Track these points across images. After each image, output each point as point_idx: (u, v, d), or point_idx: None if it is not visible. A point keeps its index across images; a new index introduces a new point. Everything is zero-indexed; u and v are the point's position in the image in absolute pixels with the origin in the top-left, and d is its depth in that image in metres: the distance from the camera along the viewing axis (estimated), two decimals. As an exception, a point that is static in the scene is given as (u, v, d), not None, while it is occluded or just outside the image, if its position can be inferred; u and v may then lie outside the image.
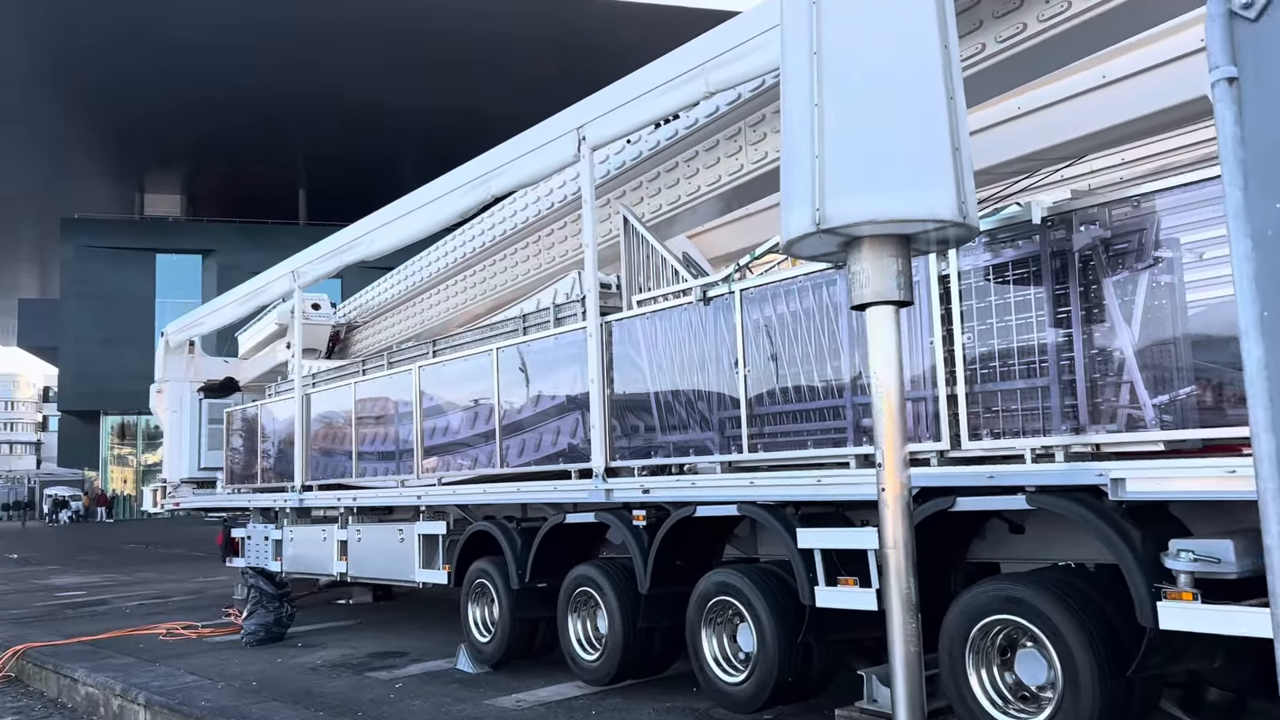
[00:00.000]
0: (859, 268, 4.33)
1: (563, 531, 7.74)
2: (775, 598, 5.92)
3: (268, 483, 12.60)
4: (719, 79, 6.39)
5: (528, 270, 10.38)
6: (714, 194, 7.86)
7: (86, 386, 52.71)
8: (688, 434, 6.75)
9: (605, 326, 7.35)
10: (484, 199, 8.81)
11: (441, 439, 9.35)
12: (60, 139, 47.03)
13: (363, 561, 10.35)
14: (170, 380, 15.86)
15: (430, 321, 12.71)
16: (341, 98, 41.10)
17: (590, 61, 32.67)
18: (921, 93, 4.20)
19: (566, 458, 7.80)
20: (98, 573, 20.70)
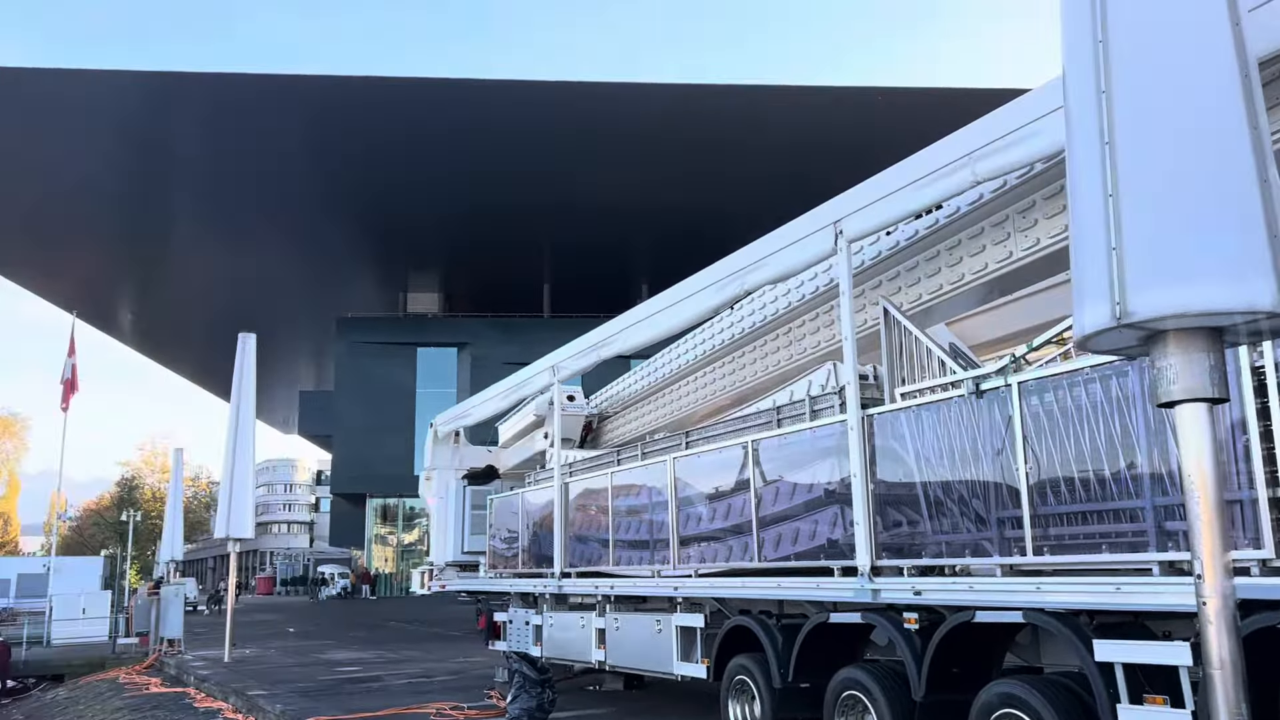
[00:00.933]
0: (1165, 363, 4.06)
1: (825, 630, 7.57)
2: (1069, 714, 5.50)
3: (527, 568, 13.11)
4: (987, 168, 6.27)
5: (778, 362, 10.43)
6: (978, 282, 7.65)
7: (354, 471, 57.17)
8: (960, 533, 6.48)
9: (867, 419, 7.24)
10: (738, 295, 8.98)
11: (695, 529, 9.44)
12: (335, 248, 52.37)
13: (621, 650, 10.52)
14: (438, 468, 16.96)
15: (679, 412, 12.96)
16: (585, 199, 43.41)
17: (825, 162, 32.93)
18: (1230, 176, 3.94)
19: (826, 553, 7.66)
20: (368, 649, 22.12)
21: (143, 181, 43.95)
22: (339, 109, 37.95)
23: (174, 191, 45.42)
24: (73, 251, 51.93)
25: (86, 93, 36.87)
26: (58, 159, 40.72)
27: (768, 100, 38.10)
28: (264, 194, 44.66)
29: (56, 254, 52.19)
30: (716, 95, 38.47)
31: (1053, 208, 6.88)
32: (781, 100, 37.96)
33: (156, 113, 38.14)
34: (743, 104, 37.98)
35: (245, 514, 20.87)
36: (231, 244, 50.14)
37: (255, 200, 45.13)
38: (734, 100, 38.21)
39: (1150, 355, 4.16)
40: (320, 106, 38.06)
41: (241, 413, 21.64)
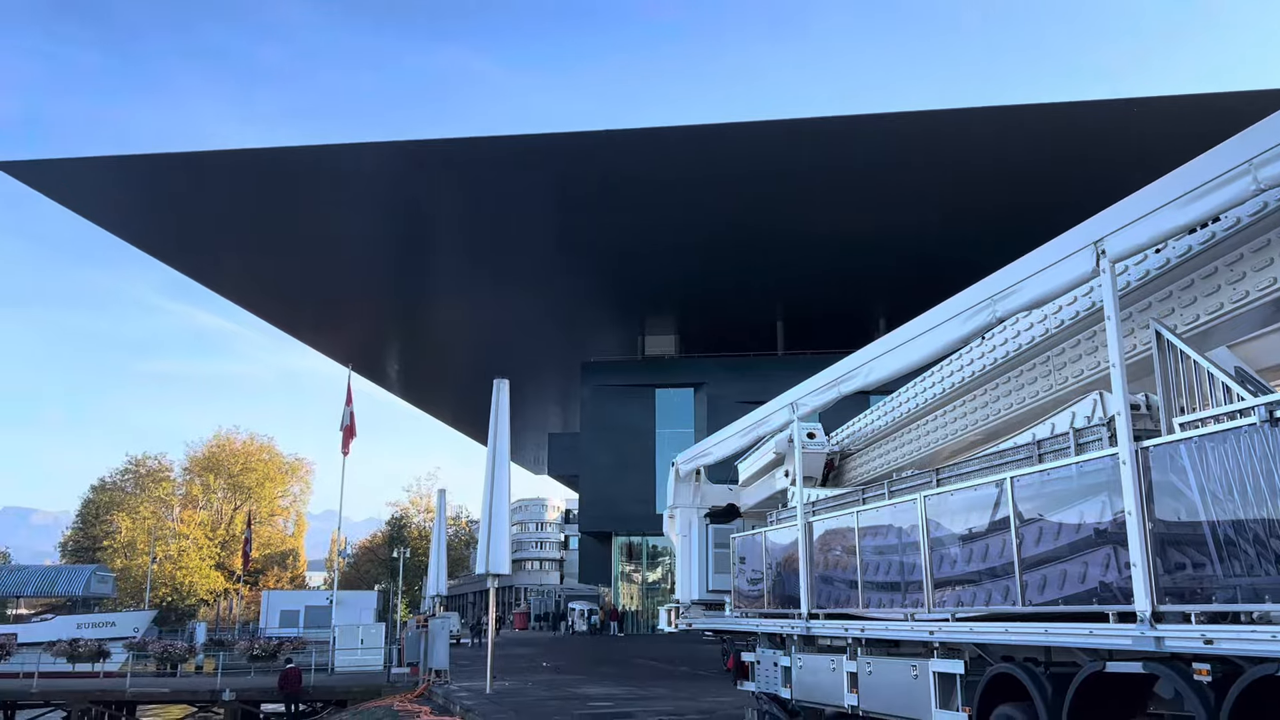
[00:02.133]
0: None
1: (1101, 681, 7.00)
2: None
3: (772, 608, 12.99)
4: (1272, 175, 5.69)
5: (1036, 393, 9.85)
6: (1265, 299, 6.92)
7: (600, 509, 58.95)
8: (1258, 576, 5.83)
9: (1142, 452, 6.69)
10: (989, 323, 8.59)
11: (950, 571, 9.03)
12: (578, 295, 54.67)
13: (874, 695, 10.18)
14: (680, 506, 17.22)
15: (926, 449, 12.50)
16: (818, 234, 43.12)
17: (1074, 185, 31.18)
18: None
19: (1099, 597, 7.11)
20: (619, 685, 22.61)
21: (406, 243, 47.88)
22: (579, 163, 39.84)
23: (433, 250, 49.14)
24: (347, 310, 57.16)
25: (355, 164, 40.71)
26: (329, 227, 45.11)
27: (1007, 121, 36.51)
28: (513, 248, 47.42)
29: (333, 313, 57.64)
30: (950, 120, 37.29)
31: (1354, 213, 6.15)
32: (1024, 120, 36.26)
33: (416, 178, 41.49)
34: (980, 127, 36.60)
35: (502, 551, 21.98)
36: (484, 296, 53.52)
37: (506, 254, 47.98)
38: (971, 124, 36.90)
39: None
40: (562, 162, 40.10)
41: (498, 454, 22.89)
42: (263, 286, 54.12)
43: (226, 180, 41.34)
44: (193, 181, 41.50)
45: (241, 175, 41.16)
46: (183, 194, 42.45)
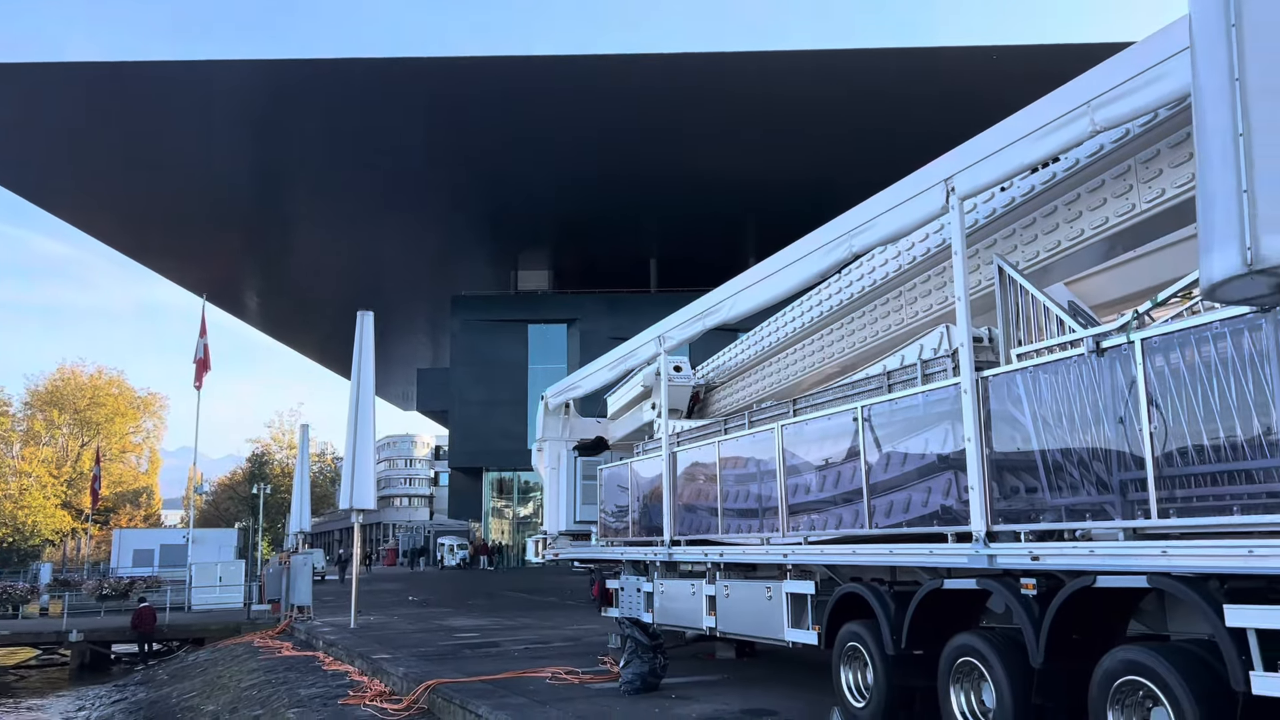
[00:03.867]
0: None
1: (939, 597, 7.43)
2: (1199, 682, 5.28)
3: (637, 536, 13.26)
4: (1108, 116, 5.99)
5: (889, 326, 10.22)
6: (1099, 238, 7.33)
7: (471, 445, 58.69)
8: (1080, 496, 6.26)
9: (981, 382, 7.05)
10: (846, 258, 8.83)
11: (804, 497, 9.37)
12: (449, 227, 53.61)
13: (731, 617, 10.56)
14: (549, 439, 17.28)
15: (786, 381, 12.85)
16: (689, 172, 43.28)
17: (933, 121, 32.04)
18: (1376, 108, 3.69)
19: (940, 519, 7.51)
20: (486, 616, 22.76)
21: (265, 167, 45.80)
22: (452, 91, 38.73)
23: (295, 176, 47.19)
24: (201, 237, 54.52)
25: (211, 83, 38.53)
26: (185, 149, 42.73)
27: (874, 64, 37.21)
28: (381, 176, 45.97)
29: (186, 240, 54.89)
30: (821, 60, 37.76)
31: (1179, 156, 6.53)
32: (889, 63, 37.02)
33: (278, 100, 39.60)
34: (849, 68, 37.19)
35: (367, 486, 21.67)
36: (351, 226, 51.86)
37: (373, 182, 46.50)
38: (840, 65, 37.46)
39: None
40: (434, 89, 38.93)
41: (361, 388, 22.43)
42: (110, 211, 51.00)
43: (70, 95, 38.55)
44: (32, 95, 38.52)
45: (87, 90, 38.43)
46: (20, 109, 39.39)
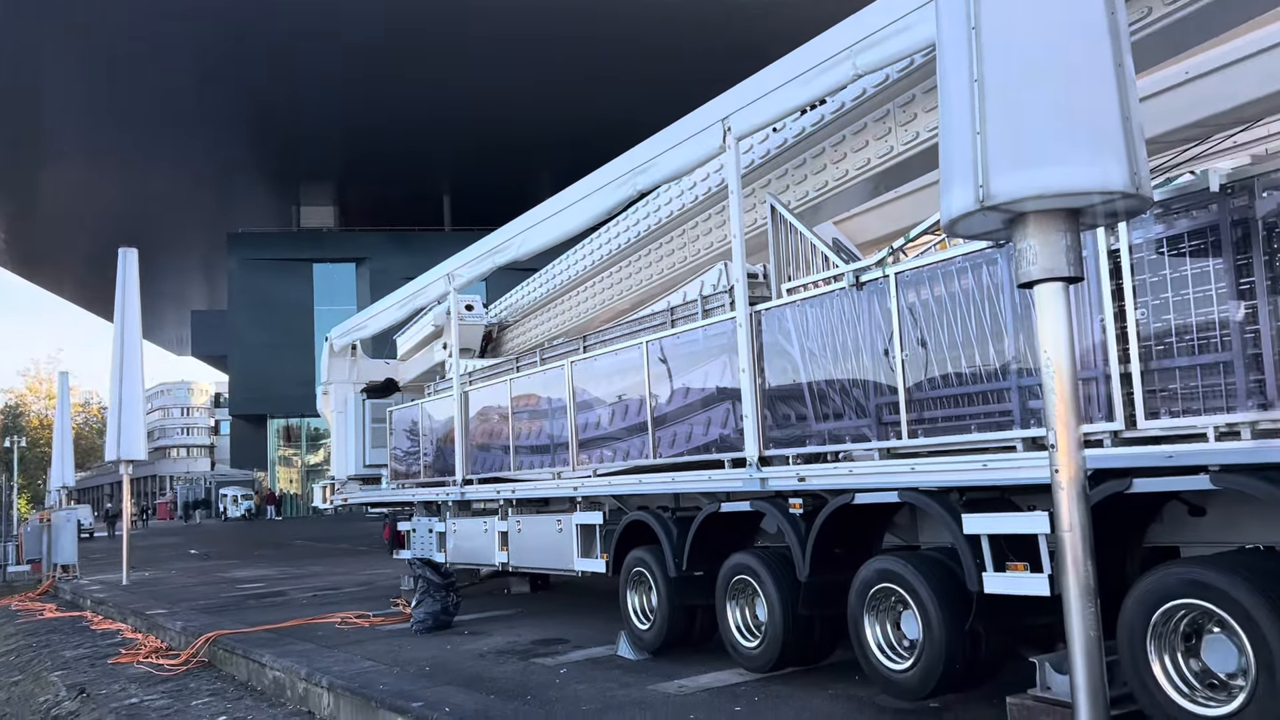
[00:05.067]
0: (1025, 244, 4.23)
1: (718, 520, 7.81)
2: (940, 584, 5.84)
3: (430, 478, 13.15)
4: (867, 61, 6.33)
5: (674, 264, 10.49)
6: (862, 178, 7.78)
7: (253, 392, 55.98)
8: (843, 421, 6.72)
9: (755, 316, 7.38)
10: (631, 195, 8.96)
11: (595, 432, 9.57)
12: (223, 159, 50.17)
13: (523, 551, 10.70)
14: (335, 382, 16.74)
15: (578, 318, 12.99)
16: (481, 107, 42.34)
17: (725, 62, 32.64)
18: (1087, 61, 4.07)
19: (719, 447, 7.87)
20: (273, 566, 21.99)
21: (13, 90, 41.18)
22: (223, 9, 35.95)
23: (47, 95, 42.67)
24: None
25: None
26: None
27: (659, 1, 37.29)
28: (144, 104, 42.32)
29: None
30: None
31: (931, 101, 7.00)
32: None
33: (25, 14, 35.57)
34: (634, 6, 37.12)
35: (136, 435, 20.33)
36: (112, 157, 47.63)
37: (136, 110, 42.76)
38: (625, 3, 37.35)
39: (1012, 237, 4.33)
40: (203, 6, 35.99)
41: (126, 331, 20.90)
42: None
43: None
44: None
45: None
46: None
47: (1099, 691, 4.13)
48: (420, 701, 7.02)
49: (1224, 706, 4.50)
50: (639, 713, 6.39)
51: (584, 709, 6.56)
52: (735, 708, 6.41)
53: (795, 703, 6.45)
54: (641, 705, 6.60)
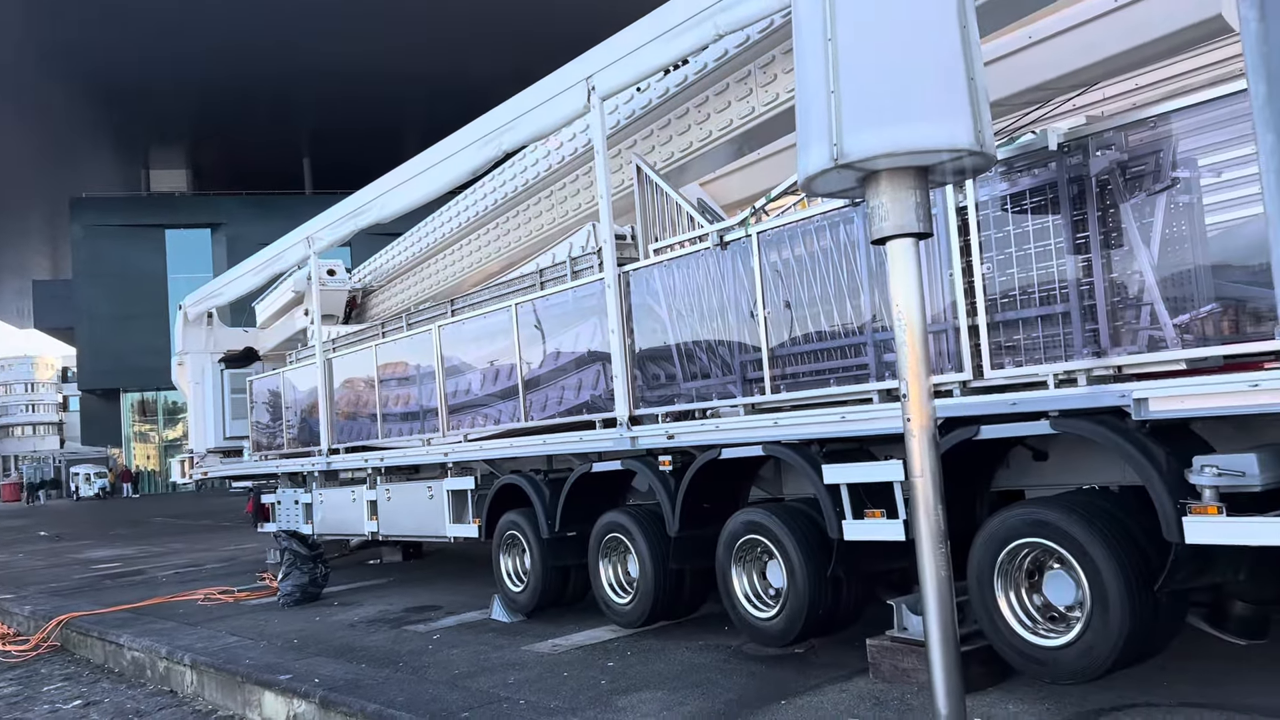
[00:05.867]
0: (877, 201, 4.34)
1: (590, 480, 7.85)
2: (803, 533, 6.03)
3: (294, 449, 12.78)
4: (728, 20, 6.37)
5: (542, 225, 10.40)
6: (726, 138, 7.85)
7: (105, 364, 53.20)
8: (710, 380, 6.83)
9: (623, 277, 7.40)
10: (495, 155, 8.82)
11: (465, 397, 9.47)
12: (64, 119, 47.06)
13: (393, 520, 10.53)
14: (191, 352, 16.04)
15: (446, 282, 12.76)
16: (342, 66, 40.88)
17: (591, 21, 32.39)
18: (935, 23, 4.19)
19: (590, 409, 7.89)
20: (131, 545, 21.05)
21: None
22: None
23: None
24: None
25: None
26: None
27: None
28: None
29: None
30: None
31: (790, 63, 7.09)
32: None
33: None
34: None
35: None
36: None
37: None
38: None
39: (865, 195, 4.45)
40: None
41: (-43, 302, 19.47)
42: None
43: None
44: None
45: None
46: None
47: (950, 629, 4.34)
48: (289, 674, 6.87)
49: (1063, 637, 4.80)
50: (512, 673, 6.40)
51: (456, 673, 6.54)
52: (608, 663, 6.49)
53: (666, 655, 6.58)
54: (515, 666, 6.62)
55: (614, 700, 5.60)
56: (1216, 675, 5.07)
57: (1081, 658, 4.67)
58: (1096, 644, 4.61)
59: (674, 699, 5.53)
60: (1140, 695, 4.83)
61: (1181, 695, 4.82)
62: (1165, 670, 5.13)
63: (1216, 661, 5.26)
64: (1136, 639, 4.56)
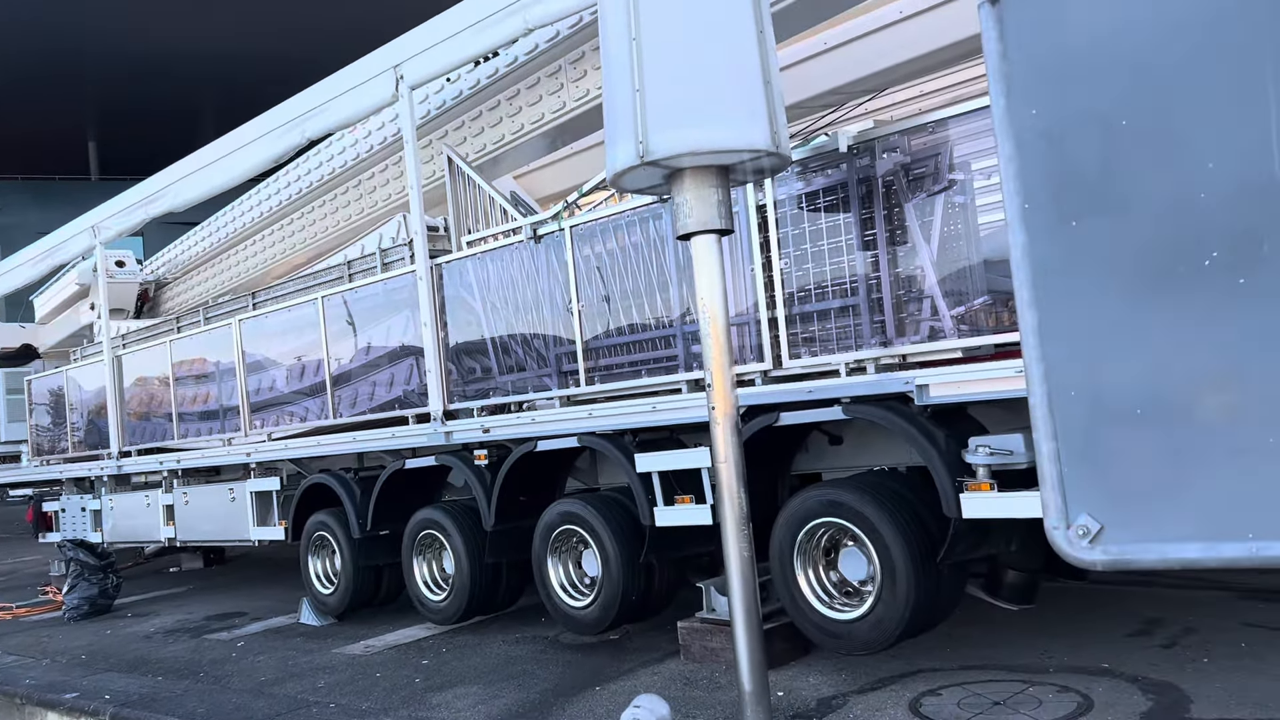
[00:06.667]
0: (682, 199, 4.48)
1: (403, 477, 7.72)
2: (617, 522, 6.15)
3: (80, 452, 11.93)
4: (538, 15, 6.38)
5: (350, 216, 10.11)
6: (538, 132, 7.87)
7: None
8: (526, 372, 6.84)
9: (435, 269, 7.31)
10: (299, 143, 8.50)
11: (269, 394, 9.11)
12: None
13: (192, 525, 10.00)
14: (-42, 350, 14.68)
15: (248, 274, 12.20)
16: (131, 40, 38.22)
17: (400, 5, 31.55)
18: (733, 28, 4.35)
19: (402, 404, 7.76)
20: (-113, 564, 19.05)
21: None
22: None
23: None
24: None
25: None
26: None
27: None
28: None
29: None
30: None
31: (600, 59, 7.19)
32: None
33: None
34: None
35: None
36: None
37: None
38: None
39: (670, 192, 4.58)
40: None
41: None
42: None
43: None
44: None
45: None
46: None
47: (753, 607, 4.54)
48: (75, 692, 6.43)
49: (857, 610, 5.10)
50: (322, 677, 6.23)
51: (262, 679, 6.30)
52: (423, 661, 6.42)
53: (482, 649, 6.57)
54: (325, 669, 6.44)
55: (428, 698, 5.55)
56: (992, 639, 5.53)
57: (873, 629, 4.99)
58: (886, 616, 4.93)
59: (489, 692, 5.53)
60: (926, 662, 5.21)
61: (963, 659, 5.22)
62: (950, 637, 5.54)
63: (993, 627, 5.73)
64: (922, 609, 4.90)
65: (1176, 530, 2.07)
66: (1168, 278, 2.05)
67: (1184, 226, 2.03)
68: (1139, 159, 2.08)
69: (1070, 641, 5.34)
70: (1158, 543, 2.09)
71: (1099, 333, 2.12)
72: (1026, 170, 2.18)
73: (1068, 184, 2.14)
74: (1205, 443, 2.06)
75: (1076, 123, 2.15)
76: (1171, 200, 2.04)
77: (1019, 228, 2.19)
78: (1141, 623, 5.59)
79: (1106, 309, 2.11)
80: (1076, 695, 4.47)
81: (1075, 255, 2.14)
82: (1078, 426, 2.15)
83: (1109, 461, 2.13)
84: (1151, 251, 2.06)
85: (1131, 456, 2.10)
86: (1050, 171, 2.16)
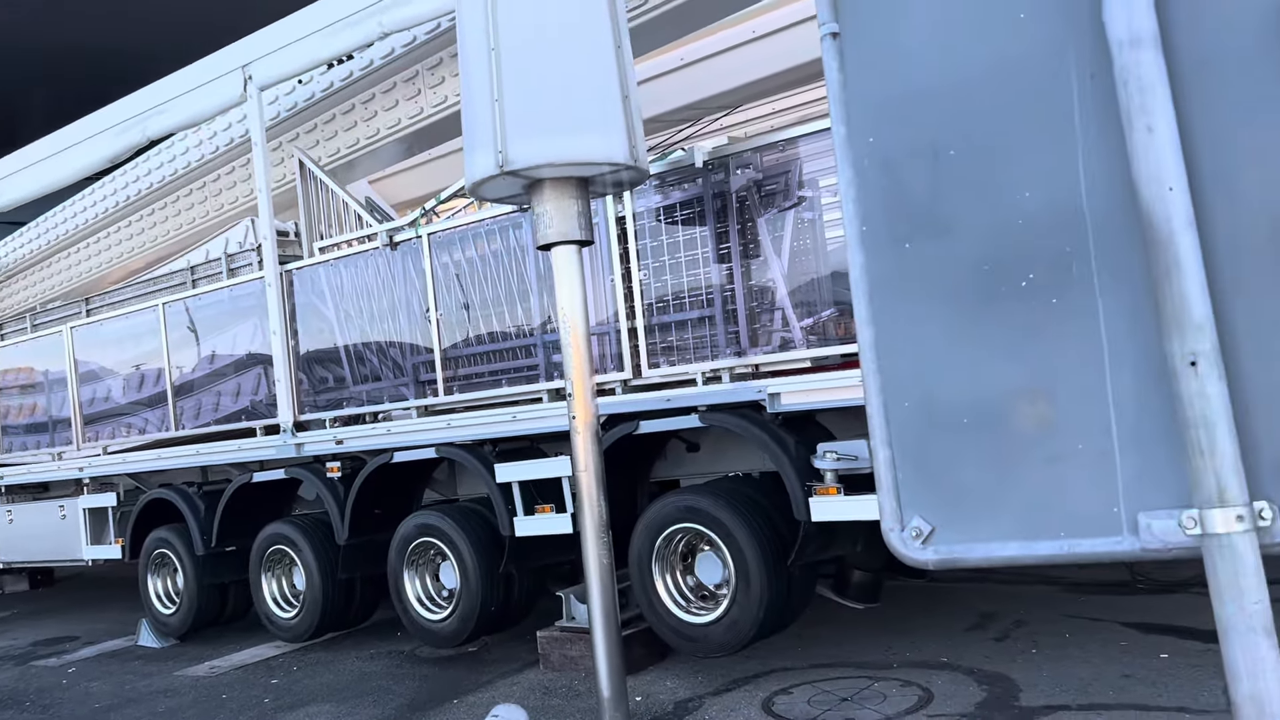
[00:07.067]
0: (542, 209, 4.51)
1: (251, 491, 7.45)
2: (476, 533, 6.11)
3: (-114, 469, 11.00)
4: (393, 20, 6.29)
5: (193, 219, 9.68)
6: (394, 137, 7.73)
7: None
8: (382, 382, 6.72)
9: (285, 275, 7.10)
10: (139, 142, 8.11)
11: (104, 405, 8.65)
12: None
13: (17, 544, 9.38)
14: None
15: (81, 278, 11.50)
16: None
17: None
18: (592, 41, 4.41)
19: (250, 415, 7.50)
20: None
21: None
22: None
23: None
24: None
25: None
26: None
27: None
28: None
29: None
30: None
31: (458, 66, 7.14)
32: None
33: None
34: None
35: None
36: None
37: None
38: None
39: (531, 202, 4.60)
40: None
41: None
42: None
43: None
44: None
45: None
46: None
47: (611, 614, 4.59)
48: (-120, 732, 5.94)
49: (713, 613, 5.23)
50: (163, 700, 5.95)
51: (96, 706, 5.97)
52: (273, 680, 6.21)
53: (336, 666, 6.40)
54: (167, 693, 6.15)
55: (279, 717, 5.38)
56: (840, 637, 5.76)
57: (728, 631, 5.12)
58: (741, 618, 5.07)
59: (343, 710, 5.40)
60: (779, 661, 5.38)
61: (813, 658, 5.42)
62: (800, 637, 5.74)
63: (841, 626, 5.96)
64: (775, 610, 5.07)
65: (999, 530, 2.23)
66: (991, 297, 2.21)
67: (1004, 250, 2.20)
68: (965, 187, 2.24)
69: (912, 638, 5.61)
70: (983, 542, 2.25)
71: (930, 347, 2.27)
72: (864, 194, 2.32)
73: (901, 208, 2.28)
74: (1023, 450, 2.22)
75: (909, 152, 2.30)
76: (993, 226, 2.21)
77: (858, 248, 2.32)
78: (977, 617, 5.93)
79: (936, 325, 2.26)
80: (918, 689, 4.71)
81: (908, 275, 2.28)
82: (911, 435, 2.29)
83: (939, 467, 2.28)
84: (976, 273, 2.22)
85: (959, 463, 2.26)
86: (886, 196, 2.30)
